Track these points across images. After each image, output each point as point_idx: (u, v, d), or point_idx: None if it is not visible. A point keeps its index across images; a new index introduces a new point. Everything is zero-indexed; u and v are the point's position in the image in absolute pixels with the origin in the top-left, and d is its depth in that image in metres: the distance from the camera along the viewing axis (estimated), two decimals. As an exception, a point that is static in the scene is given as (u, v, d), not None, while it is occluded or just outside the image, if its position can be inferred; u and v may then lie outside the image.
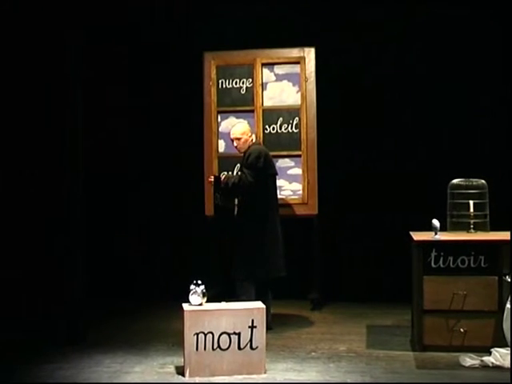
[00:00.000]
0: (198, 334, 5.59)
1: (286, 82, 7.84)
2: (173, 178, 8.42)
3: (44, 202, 7.80)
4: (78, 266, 6.78)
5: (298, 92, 7.82)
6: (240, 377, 5.57)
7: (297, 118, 7.80)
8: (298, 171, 7.77)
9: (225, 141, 7.79)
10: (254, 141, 7.07)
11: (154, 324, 7.23)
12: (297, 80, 7.81)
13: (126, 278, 8.37)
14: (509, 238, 6.20)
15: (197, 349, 5.58)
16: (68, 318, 6.82)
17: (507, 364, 5.72)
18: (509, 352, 5.78)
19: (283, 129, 7.83)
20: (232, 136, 7.06)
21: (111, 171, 8.50)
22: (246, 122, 7.34)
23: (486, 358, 5.79)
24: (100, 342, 6.56)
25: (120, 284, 8.29)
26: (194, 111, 8.06)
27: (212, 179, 7.09)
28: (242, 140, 6.99)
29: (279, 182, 7.48)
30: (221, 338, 5.60)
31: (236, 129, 7.08)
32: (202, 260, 7.88)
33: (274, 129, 7.83)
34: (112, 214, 8.51)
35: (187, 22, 8.31)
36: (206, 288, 5.75)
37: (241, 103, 7.88)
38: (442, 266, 6.17)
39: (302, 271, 7.92)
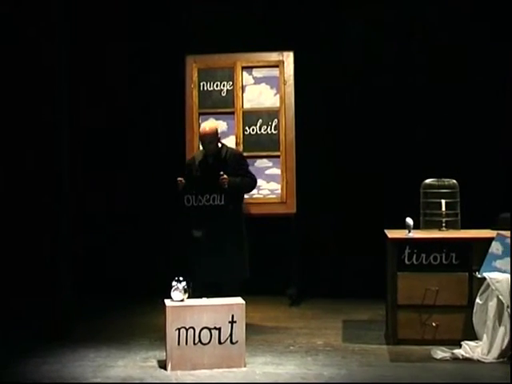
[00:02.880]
0: (179, 329, 5.58)
1: (264, 85, 7.86)
2: (156, 177, 8.39)
3: (32, 201, 7.78)
4: (65, 264, 6.77)
5: (275, 95, 7.84)
6: (220, 370, 5.56)
7: (276, 120, 7.82)
8: (275, 171, 7.79)
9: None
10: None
11: (136, 320, 7.21)
12: (274, 83, 7.83)
13: (109, 276, 8.33)
14: (479, 235, 6.26)
15: (178, 343, 5.58)
16: (53, 315, 6.82)
17: (476, 356, 5.76)
18: (478, 345, 5.83)
19: (263, 130, 7.84)
20: (207, 131, 6.72)
21: (101, 170, 8.47)
22: (213, 120, 7.28)
23: (456, 351, 5.82)
24: (84, 337, 6.53)
25: (103, 281, 8.25)
26: (175, 113, 8.04)
27: (183, 181, 6.67)
28: (214, 138, 6.76)
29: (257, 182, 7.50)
30: (202, 332, 5.60)
31: (210, 126, 6.81)
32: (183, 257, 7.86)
33: (253, 130, 7.85)
34: (100, 209, 8.46)
35: (169, 25, 8.30)
36: (187, 285, 5.76)
37: (222, 105, 7.89)
38: (415, 262, 6.19)
39: (280, 268, 7.92)
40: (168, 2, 8.29)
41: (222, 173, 6.59)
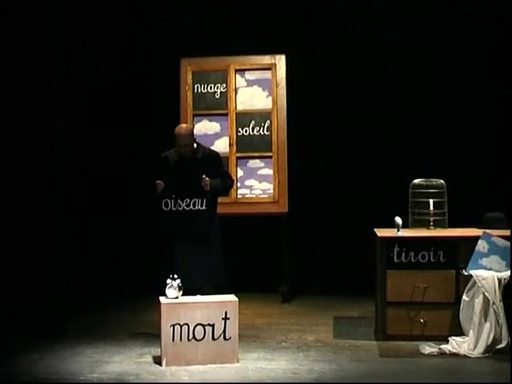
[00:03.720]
0: (174, 326, 5.60)
1: (257, 87, 7.91)
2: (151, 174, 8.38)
3: (27, 201, 7.79)
4: (61, 262, 6.79)
5: (267, 97, 7.89)
6: (214, 366, 5.59)
7: (268, 121, 7.87)
8: (267, 171, 7.83)
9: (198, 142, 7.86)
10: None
11: (132, 317, 7.21)
12: (266, 85, 7.88)
13: (106, 274, 8.35)
14: (466, 234, 6.29)
15: (173, 339, 5.60)
16: (51, 311, 6.84)
17: (463, 351, 5.81)
18: (464, 340, 5.87)
19: (255, 131, 7.89)
20: (183, 133, 6.32)
21: (92, 171, 8.47)
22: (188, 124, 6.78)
23: (443, 346, 5.86)
24: (81, 334, 6.54)
25: (100, 279, 8.26)
26: (169, 114, 8.07)
27: (162, 184, 6.27)
28: (190, 140, 6.35)
29: (249, 182, 7.56)
30: (196, 329, 5.62)
31: (186, 129, 6.41)
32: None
33: (246, 131, 7.89)
34: (92, 208, 8.45)
35: (165, 28, 8.32)
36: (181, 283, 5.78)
37: (215, 107, 7.94)
38: (403, 260, 6.22)
39: (273, 266, 7.94)
40: (164, 7, 8.30)
41: (204, 176, 6.24)
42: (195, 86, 7.93)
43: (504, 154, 7.87)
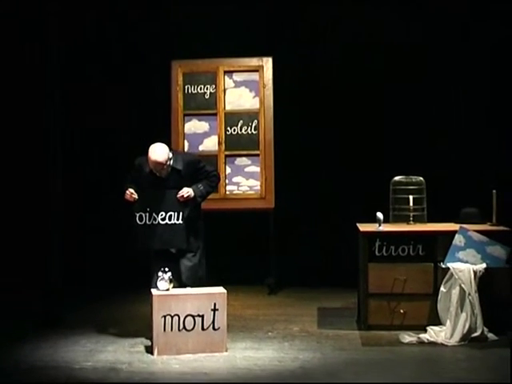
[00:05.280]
0: (165, 317, 5.63)
1: (244, 88, 7.94)
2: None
3: (25, 196, 7.79)
4: (56, 256, 6.80)
5: (254, 97, 7.92)
6: (203, 355, 5.62)
7: (256, 121, 7.90)
8: (254, 169, 7.87)
9: (188, 141, 7.88)
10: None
11: (125, 308, 7.22)
12: (253, 86, 7.91)
13: (100, 267, 8.35)
14: (443, 229, 6.34)
15: (164, 330, 5.63)
16: (46, 303, 6.84)
17: (440, 340, 5.87)
18: (442, 329, 5.93)
19: (243, 130, 7.92)
20: (160, 161, 5.79)
21: (84, 171, 8.47)
22: (162, 144, 5.93)
23: (422, 335, 5.91)
24: (76, 324, 6.56)
25: (94, 272, 8.27)
26: (160, 113, 8.09)
27: (135, 196, 5.86)
28: (167, 164, 5.88)
29: (236, 179, 7.61)
30: (186, 319, 5.65)
31: (162, 154, 5.81)
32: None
33: (234, 130, 7.93)
34: (86, 203, 8.46)
35: (156, 31, 8.34)
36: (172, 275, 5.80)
37: (205, 107, 7.97)
38: (384, 254, 6.26)
39: (260, 259, 7.95)
40: (156, 11, 8.32)
41: (180, 193, 5.82)
42: (186, 87, 7.96)
43: (479, 154, 7.94)
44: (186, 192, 5.90)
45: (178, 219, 5.88)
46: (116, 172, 8.46)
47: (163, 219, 5.88)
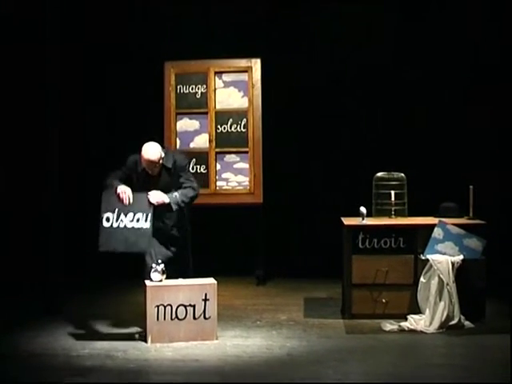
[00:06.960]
0: (158, 306, 5.65)
1: (233, 88, 7.98)
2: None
3: (24, 191, 7.79)
4: (55, 248, 6.81)
5: (242, 97, 7.96)
6: (195, 342, 5.65)
7: (245, 119, 7.94)
8: (243, 165, 7.91)
9: (180, 139, 7.93)
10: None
11: (120, 298, 7.24)
12: (242, 86, 7.95)
13: (96, 258, 8.35)
14: (423, 222, 6.39)
15: (157, 319, 5.65)
16: (45, 293, 6.86)
17: (420, 328, 5.93)
18: (421, 318, 5.99)
19: (233, 128, 7.96)
20: (153, 159, 5.71)
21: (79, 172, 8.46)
22: (155, 143, 5.84)
23: (402, 324, 5.98)
24: (74, 313, 6.57)
25: (91, 263, 8.27)
26: (153, 112, 8.11)
27: (131, 201, 5.64)
28: (160, 162, 5.79)
29: (225, 175, 7.65)
30: (178, 309, 5.68)
31: (155, 153, 5.71)
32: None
33: (224, 128, 7.97)
34: (85, 193, 8.43)
35: (150, 33, 8.36)
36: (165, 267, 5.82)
37: (196, 106, 8.00)
38: (367, 246, 6.31)
39: (249, 251, 7.98)
40: (149, 14, 8.34)
41: (153, 198, 5.62)
42: (178, 87, 7.99)
43: (456, 152, 8.00)
44: (160, 197, 5.70)
45: (145, 221, 5.66)
46: (112, 169, 8.51)
47: (131, 221, 5.66)
